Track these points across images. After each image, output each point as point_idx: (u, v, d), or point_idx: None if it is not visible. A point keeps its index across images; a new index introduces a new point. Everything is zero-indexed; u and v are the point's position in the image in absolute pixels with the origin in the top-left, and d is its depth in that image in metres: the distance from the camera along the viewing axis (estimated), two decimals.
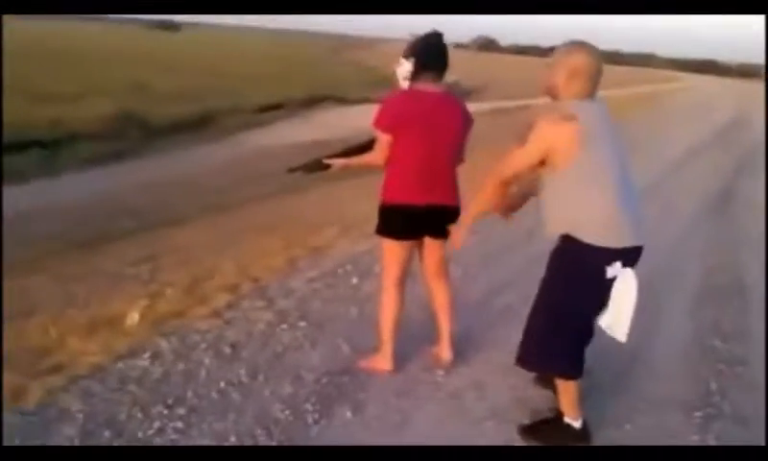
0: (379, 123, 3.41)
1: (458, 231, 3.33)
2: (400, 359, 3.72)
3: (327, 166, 3.58)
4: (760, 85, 64.31)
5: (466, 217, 3.33)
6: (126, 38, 50.03)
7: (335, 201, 10.21)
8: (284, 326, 4.19)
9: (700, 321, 4.87)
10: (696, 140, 15.40)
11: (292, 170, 3.66)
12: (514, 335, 4.17)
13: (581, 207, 2.86)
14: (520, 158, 2.95)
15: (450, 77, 3.73)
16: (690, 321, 4.88)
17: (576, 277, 2.96)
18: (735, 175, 11.58)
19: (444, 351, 3.79)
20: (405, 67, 3.43)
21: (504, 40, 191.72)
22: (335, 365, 3.74)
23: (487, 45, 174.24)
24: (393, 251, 3.56)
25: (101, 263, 7.03)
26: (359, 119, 24.46)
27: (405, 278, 3.65)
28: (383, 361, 3.67)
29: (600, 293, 2.94)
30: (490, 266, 5.66)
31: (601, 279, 2.89)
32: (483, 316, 4.54)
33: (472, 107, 3.56)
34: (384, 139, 3.41)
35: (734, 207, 8.93)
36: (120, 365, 3.61)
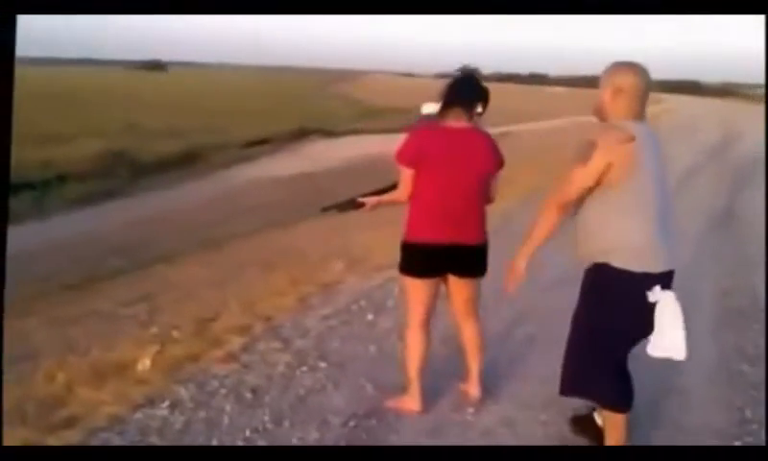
0: (401, 157, 3.46)
1: (518, 266, 3.24)
2: (428, 398, 3.71)
3: (361, 205, 3.61)
4: (742, 105, 65.21)
5: (527, 249, 3.21)
6: (114, 80, 50.39)
7: (328, 233, 10.27)
8: (304, 368, 4.18)
9: (723, 345, 4.88)
10: (690, 161, 15.54)
11: (325, 209, 3.72)
12: (540, 368, 4.26)
13: (624, 231, 2.90)
14: (583, 179, 2.93)
15: (428, 107, 3.80)
16: (714, 345, 4.88)
17: (617, 304, 2.98)
18: (733, 193, 11.68)
19: (473, 389, 3.79)
20: (424, 109, 3.48)
21: (486, 69, 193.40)
22: (361, 407, 3.73)
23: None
24: (416, 290, 3.57)
25: (95, 304, 7.03)
26: (345, 151, 24.79)
27: (430, 317, 3.65)
28: (411, 402, 3.66)
29: (643, 319, 2.94)
30: (501, 296, 5.66)
31: (643, 304, 2.91)
32: (506, 348, 4.55)
33: (409, 133, 3.58)
34: (407, 174, 3.44)
35: (738, 226, 8.97)
36: (139, 415, 3.58)
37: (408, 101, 61.79)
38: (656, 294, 2.90)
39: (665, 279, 2.95)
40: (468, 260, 3.54)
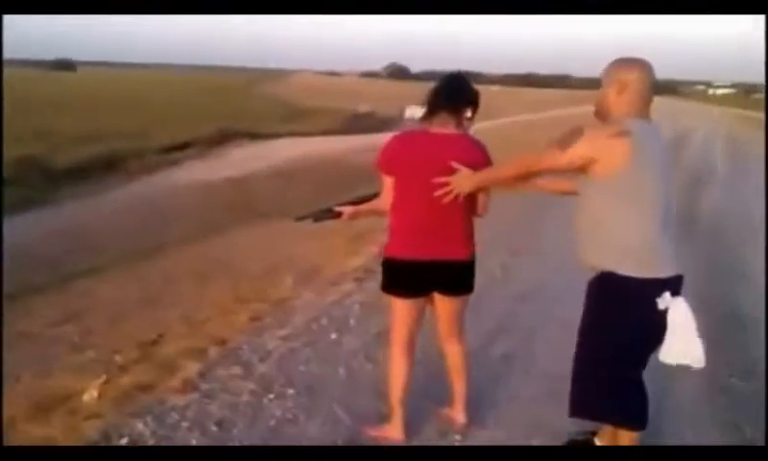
0: (379, 163, 3.35)
1: (467, 179, 3.18)
2: (411, 424, 3.61)
3: (338, 214, 3.44)
4: (686, 103, 67.79)
5: (478, 177, 3.19)
6: (17, 80, 48.52)
7: (265, 243, 10.09)
8: (271, 395, 4.01)
9: (709, 359, 4.88)
10: None
11: (300, 218, 3.54)
12: (523, 388, 4.24)
13: (625, 236, 2.85)
14: (560, 161, 2.90)
15: (364, 107, 3.72)
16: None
17: (625, 314, 2.91)
18: (693, 195, 11.91)
19: (459, 414, 3.71)
20: (407, 114, 3.38)
21: (415, 67, 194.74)
22: (338, 437, 3.60)
23: (398, 73, 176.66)
24: (400, 309, 3.45)
25: (18, 324, 6.66)
26: (274, 154, 24.50)
27: (415, 339, 3.53)
28: (394, 430, 3.55)
29: (654, 328, 2.90)
30: (474, 312, 5.62)
31: (652, 313, 2.86)
32: (485, 368, 4.46)
33: (389, 136, 3.50)
34: (388, 182, 3.33)
35: (705, 231, 9.14)
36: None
37: (336, 101, 62.14)
38: (665, 300, 2.85)
39: (674, 284, 2.91)
40: (455, 277, 3.42)
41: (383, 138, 3.54)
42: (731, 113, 47.12)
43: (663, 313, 2.87)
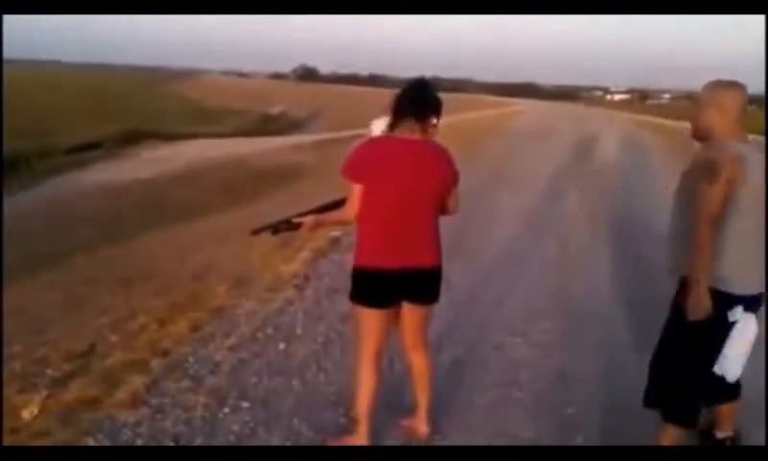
0: (345, 170, 3.27)
1: (701, 302, 3.15)
2: (374, 435, 3.58)
3: (298, 225, 3.37)
4: (583, 107, 70.26)
5: (702, 284, 3.13)
6: None
7: (185, 246, 9.86)
8: (226, 409, 3.92)
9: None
10: (557, 164, 16.35)
11: (256, 232, 3.43)
12: (477, 395, 4.27)
13: (723, 252, 3.07)
14: (720, 195, 3.03)
15: (276, 108, 3.70)
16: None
17: (707, 323, 3.12)
18: (610, 197, 12.24)
19: (422, 424, 3.71)
20: (377, 123, 3.33)
21: (324, 69, 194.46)
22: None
23: (307, 75, 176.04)
24: (370, 320, 3.41)
25: None
26: (184, 155, 24.01)
27: (383, 350, 3.52)
28: (359, 442, 3.52)
29: (720, 337, 3.16)
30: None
31: (723, 323, 3.11)
32: (437, 377, 4.46)
33: (304, 138, 3.50)
34: (355, 191, 3.26)
35: (630, 232, 9.31)
36: None
37: (245, 102, 61.45)
38: (736, 314, 3.09)
39: (752, 302, 3.14)
40: (424, 285, 3.44)
41: (295, 140, 3.50)
42: (630, 118, 49.07)
43: (731, 325, 3.12)
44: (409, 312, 3.51)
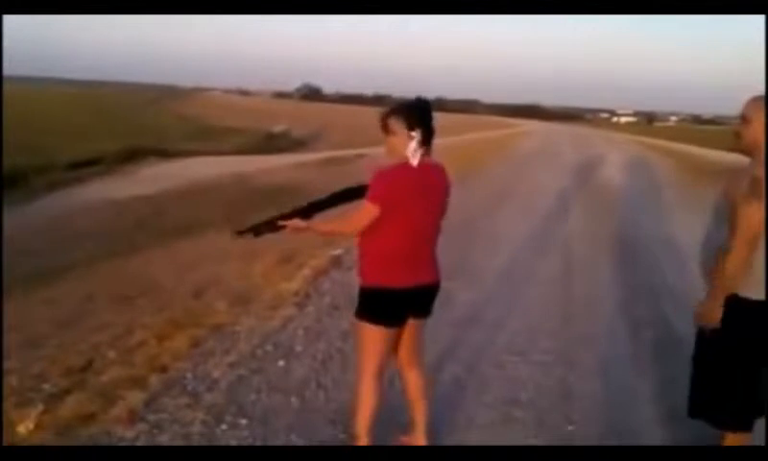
0: (377, 196, 3.24)
1: (714, 312, 3.29)
2: None
3: (281, 227, 3.37)
4: (588, 129, 70.44)
5: (720, 297, 3.26)
6: None
7: (185, 262, 9.85)
8: (224, 426, 3.93)
9: (656, 380, 5.01)
10: (561, 184, 16.40)
11: (240, 233, 3.42)
12: (476, 413, 4.28)
13: (757, 262, 3.14)
14: (762, 214, 3.08)
15: (279, 126, 3.69)
16: (646, 381, 5.01)
17: (742, 332, 3.25)
18: (613, 219, 12.26)
19: (419, 441, 3.72)
20: (415, 140, 3.30)
21: (329, 89, 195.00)
22: None
23: (311, 94, 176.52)
24: (376, 338, 3.42)
25: None
26: (184, 172, 24.08)
27: (385, 367, 3.54)
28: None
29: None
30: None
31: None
32: (437, 394, 4.47)
33: (306, 156, 3.50)
34: (372, 212, 3.25)
35: (630, 253, 9.34)
36: None
37: (248, 120, 61.65)
38: None
39: None
40: (429, 301, 3.52)
41: (297, 159, 3.51)
42: (636, 140, 49.21)
43: None
44: (410, 328, 3.56)
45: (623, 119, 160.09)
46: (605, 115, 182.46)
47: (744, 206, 3.10)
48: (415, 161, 3.28)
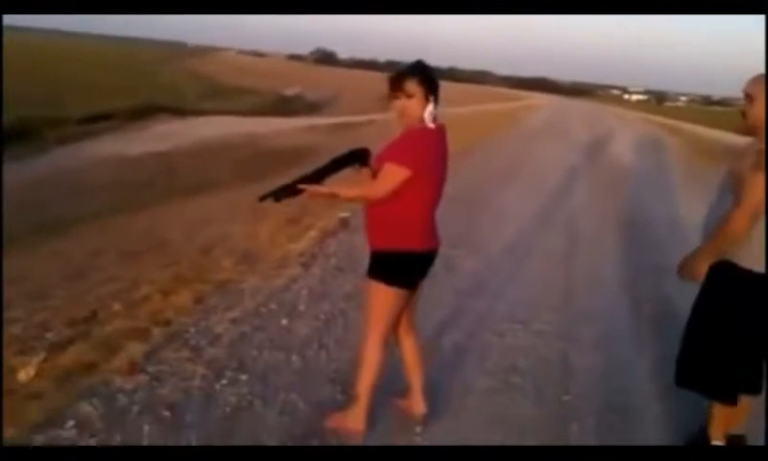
0: (406, 160, 3.19)
1: (701, 269, 3.35)
2: (369, 415, 3.55)
3: (302, 191, 3.29)
4: (599, 104, 70.06)
5: (711, 251, 3.31)
6: None
7: (192, 219, 9.82)
8: (224, 380, 3.90)
9: (656, 358, 4.95)
10: (571, 160, 16.29)
11: (262, 198, 3.34)
12: (476, 379, 4.27)
13: (754, 235, 3.15)
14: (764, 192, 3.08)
15: (292, 89, 3.61)
16: (647, 359, 4.96)
17: (740, 303, 3.26)
18: (619, 196, 12.17)
19: (418, 404, 3.70)
20: (431, 103, 3.25)
21: (342, 54, 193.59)
22: (297, 427, 3.53)
23: (325, 58, 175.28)
24: (391, 301, 3.38)
25: None
26: (197, 131, 24.00)
27: (391, 330, 3.52)
28: (355, 421, 3.49)
29: (763, 319, 3.23)
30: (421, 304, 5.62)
31: (763, 305, 3.20)
32: (436, 359, 4.46)
33: (319, 120, 3.43)
34: (401, 176, 3.19)
35: (633, 231, 9.25)
36: (39, 437, 3.18)
37: (261, 81, 61.41)
38: None
39: None
40: (431, 264, 3.50)
41: (310, 122, 3.44)
42: (645, 118, 48.94)
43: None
44: (413, 293, 3.54)
45: (634, 97, 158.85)
46: (616, 92, 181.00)
47: (750, 177, 3.10)
48: (432, 125, 3.25)
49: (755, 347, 3.34)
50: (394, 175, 3.19)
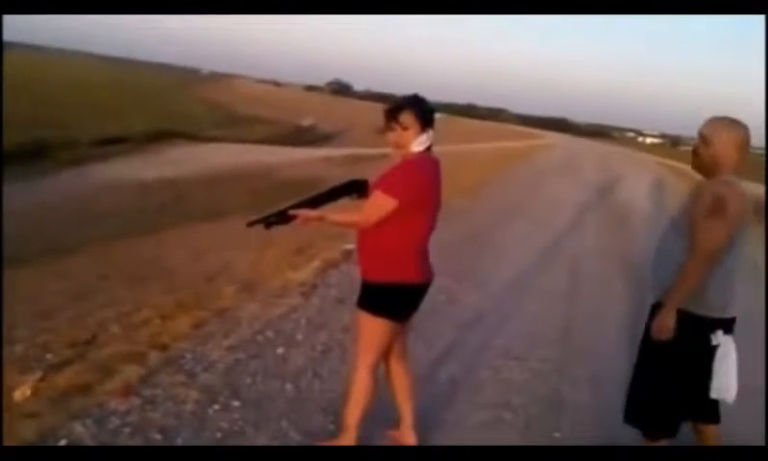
0: (395, 190, 3.22)
1: (667, 323, 3.30)
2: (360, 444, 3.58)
3: (292, 218, 3.35)
4: (614, 146, 70.08)
5: (674, 304, 3.28)
6: None
7: (198, 246, 9.89)
8: (216, 406, 3.93)
9: None
10: (580, 199, 16.34)
11: (251, 223, 3.39)
12: (470, 413, 4.28)
13: (713, 281, 3.20)
14: (724, 234, 3.14)
15: (307, 119, 3.67)
16: None
17: (687, 346, 3.29)
18: (627, 238, 12.20)
19: (409, 436, 3.71)
20: (426, 138, 3.31)
21: (359, 85, 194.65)
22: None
23: (341, 89, 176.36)
24: (383, 332, 3.41)
25: None
26: (209, 158, 24.18)
27: (381, 360, 3.56)
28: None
29: (703, 361, 3.27)
30: (418, 334, 5.65)
31: (707, 347, 3.24)
32: (431, 391, 4.49)
33: (333, 151, 3.49)
34: (384, 204, 3.23)
35: (643, 275, 9.23)
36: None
37: (277, 111, 61.82)
38: (717, 337, 3.22)
39: (729, 324, 3.30)
40: (421, 297, 3.52)
41: (324, 153, 3.50)
42: (658, 162, 49.01)
43: (713, 349, 3.26)
44: (406, 324, 3.58)
45: (648, 140, 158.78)
46: (631, 135, 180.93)
47: (703, 223, 3.15)
48: (425, 154, 3.32)
49: (700, 379, 3.37)
50: (381, 204, 3.23)
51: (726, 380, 3.27)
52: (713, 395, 3.31)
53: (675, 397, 3.40)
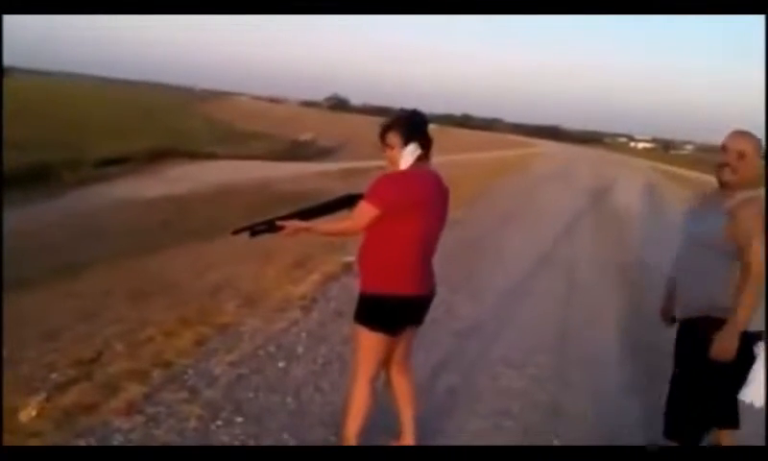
0: (375, 197, 3.23)
1: (731, 348, 3.24)
2: None
3: (280, 228, 3.35)
4: (606, 152, 70.18)
5: (738, 326, 3.23)
6: None
7: (201, 263, 9.87)
8: (219, 422, 3.93)
9: (649, 407, 4.91)
10: (574, 206, 16.34)
11: (236, 232, 3.41)
12: (468, 422, 4.26)
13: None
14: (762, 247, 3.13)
15: (306, 134, 3.67)
16: (638, 407, 4.94)
17: (738, 361, 3.25)
18: (622, 244, 12.21)
19: (410, 444, 3.70)
20: (410, 151, 3.30)
21: (355, 100, 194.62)
22: None
23: (339, 104, 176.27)
24: (375, 344, 3.41)
25: None
26: (210, 175, 24.21)
27: (380, 371, 3.54)
28: None
29: (745, 371, 3.30)
30: (418, 344, 5.64)
31: (750, 358, 3.26)
32: (430, 402, 4.47)
33: (331, 166, 3.50)
34: (369, 213, 3.24)
35: (640, 278, 9.20)
36: None
37: (276, 127, 61.93)
38: (759, 348, 3.25)
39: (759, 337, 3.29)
40: (425, 310, 3.53)
41: (322, 167, 3.51)
42: (651, 166, 49.07)
43: (753, 360, 3.28)
44: (406, 335, 3.58)
45: (640, 145, 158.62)
46: (623, 140, 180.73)
47: (754, 245, 3.13)
48: (414, 165, 3.31)
49: (731, 385, 3.37)
50: (362, 212, 3.25)
51: (760, 387, 3.29)
52: (746, 400, 3.34)
53: (719, 410, 3.43)
